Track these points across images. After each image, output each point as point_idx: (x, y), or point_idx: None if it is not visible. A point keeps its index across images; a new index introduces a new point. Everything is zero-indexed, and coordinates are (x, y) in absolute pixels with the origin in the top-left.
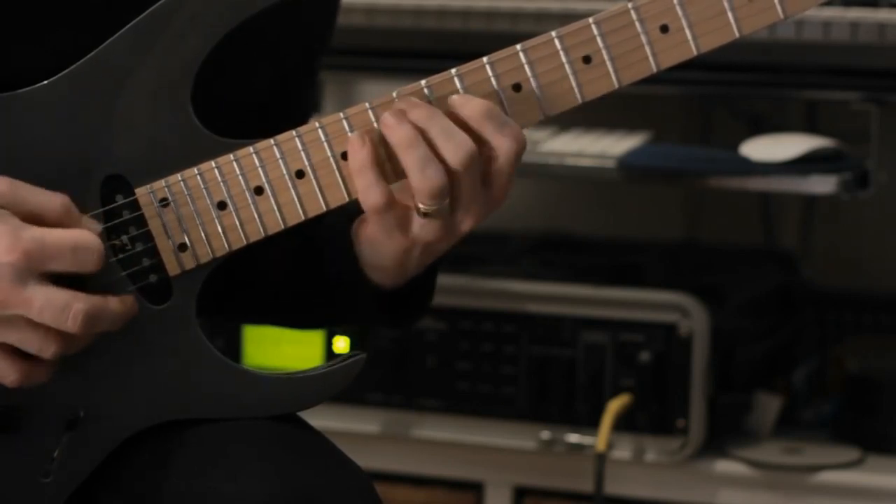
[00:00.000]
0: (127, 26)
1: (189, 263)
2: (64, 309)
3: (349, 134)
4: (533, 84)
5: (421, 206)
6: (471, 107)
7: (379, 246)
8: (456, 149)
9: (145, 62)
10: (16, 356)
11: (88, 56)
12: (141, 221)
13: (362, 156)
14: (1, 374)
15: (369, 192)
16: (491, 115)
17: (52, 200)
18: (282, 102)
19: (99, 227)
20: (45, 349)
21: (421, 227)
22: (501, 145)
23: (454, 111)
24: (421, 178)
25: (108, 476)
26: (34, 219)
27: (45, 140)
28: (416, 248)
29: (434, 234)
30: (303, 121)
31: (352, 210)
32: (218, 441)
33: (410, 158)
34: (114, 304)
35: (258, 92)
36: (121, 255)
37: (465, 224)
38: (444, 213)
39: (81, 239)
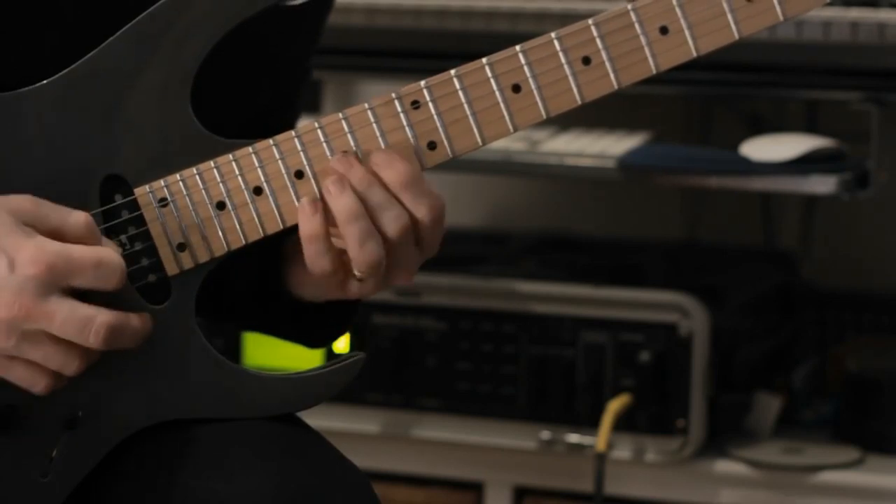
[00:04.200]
0: (126, 26)
1: (188, 263)
2: (87, 324)
3: (300, 201)
4: (532, 85)
5: (357, 273)
6: (390, 173)
7: (312, 288)
8: (392, 221)
9: (145, 62)
10: (40, 369)
11: (88, 56)
12: (140, 221)
13: (313, 225)
14: (30, 384)
15: (317, 260)
16: (409, 184)
17: (75, 218)
18: (278, 102)
19: (119, 248)
20: (68, 366)
21: (357, 286)
22: (422, 217)
23: (375, 171)
24: (360, 252)
25: (106, 476)
26: (56, 235)
27: (45, 140)
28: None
29: (368, 291)
30: (294, 119)
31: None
32: (217, 441)
33: (351, 231)
34: (135, 320)
35: (257, 92)
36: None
37: (400, 279)
38: (380, 276)
39: (105, 256)
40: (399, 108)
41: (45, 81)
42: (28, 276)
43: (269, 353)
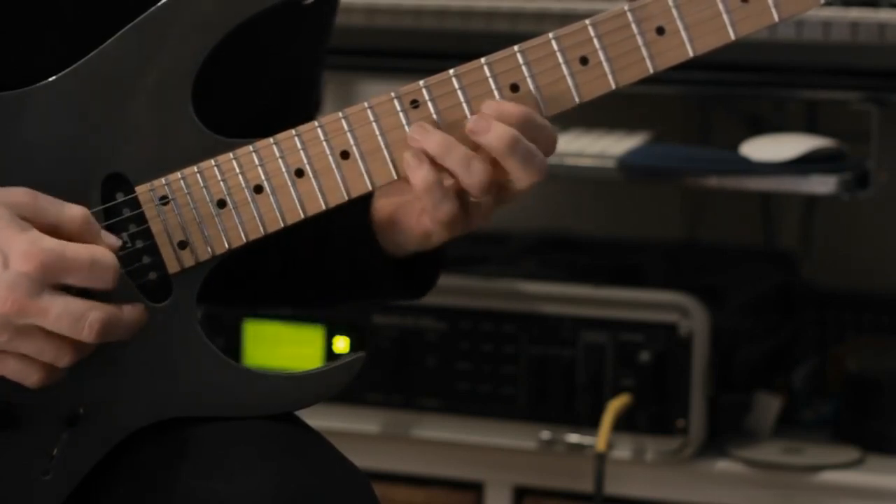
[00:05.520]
0: (127, 26)
1: (189, 261)
2: (80, 318)
3: (404, 158)
4: (530, 85)
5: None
6: (492, 137)
7: (407, 243)
8: (473, 176)
9: (146, 61)
10: (33, 362)
11: (90, 55)
12: (141, 219)
13: (424, 174)
14: (23, 377)
15: (440, 206)
16: (514, 148)
17: (72, 213)
18: (282, 103)
19: (118, 242)
20: (60, 359)
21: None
22: (524, 181)
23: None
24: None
25: (107, 475)
26: (53, 230)
27: (46, 138)
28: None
29: (480, 220)
30: (308, 120)
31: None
32: (217, 441)
33: (455, 156)
34: (128, 312)
35: (261, 92)
36: (120, 253)
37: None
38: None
39: (99, 255)
40: (398, 108)
41: (46, 81)
42: (21, 272)
43: (268, 352)
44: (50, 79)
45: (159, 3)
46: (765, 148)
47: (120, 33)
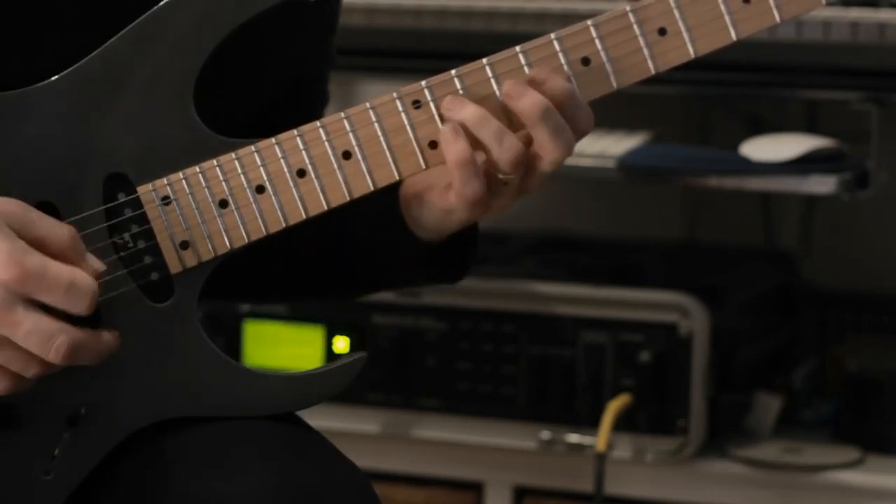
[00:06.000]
0: (129, 26)
1: (191, 261)
2: (49, 339)
3: (441, 130)
4: None
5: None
6: (527, 102)
7: (437, 225)
8: (505, 151)
9: (148, 61)
10: (4, 368)
11: (91, 55)
12: (143, 219)
13: (458, 148)
14: None
15: (469, 183)
16: (547, 116)
17: (60, 230)
18: (292, 100)
19: (102, 266)
20: (27, 370)
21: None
22: (551, 153)
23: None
24: (501, 151)
25: (107, 474)
26: (39, 245)
27: (48, 138)
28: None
29: (508, 200)
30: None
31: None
32: (217, 441)
33: (488, 131)
34: (98, 340)
35: (266, 90)
36: (122, 253)
37: (531, 189)
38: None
39: (79, 280)
40: (400, 108)
41: (47, 81)
42: None
43: (268, 352)
44: (50, 79)
45: (160, 3)
46: (765, 148)
47: (121, 33)
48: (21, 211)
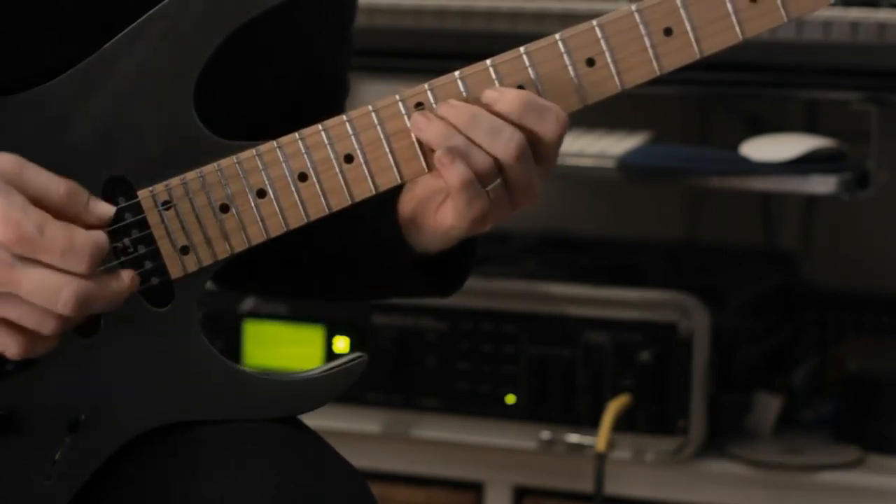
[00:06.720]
0: (128, 28)
1: (191, 266)
2: (55, 293)
3: (435, 156)
4: (536, 87)
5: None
6: (507, 100)
7: (435, 242)
8: (506, 144)
9: (147, 64)
10: (16, 329)
11: (90, 58)
12: (143, 224)
13: (459, 171)
14: (6, 345)
15: (473, 203)
16: (530, 106)
17: (57, 185)
18: (309, 97)
19: (110, 211)
20: (44, 326)
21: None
22: (546, 132)
23: (490, 107)
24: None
25: (108, 478)
26: (37, 201)
27: (47, 141)
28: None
29: (495, 220)
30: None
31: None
32: (217, 443)
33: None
34: (107, 285)
35: (274, 90)
36: (123, 258)
37: (526, 199)
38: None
39: (78, 241)
40: (403, 111)
41: (47, 83)
42: None
43: (268, 352)
44: (51, 81)
45: (161, 4)
46: (765, 148)
47: (120, 35)
48: (16, 167)
